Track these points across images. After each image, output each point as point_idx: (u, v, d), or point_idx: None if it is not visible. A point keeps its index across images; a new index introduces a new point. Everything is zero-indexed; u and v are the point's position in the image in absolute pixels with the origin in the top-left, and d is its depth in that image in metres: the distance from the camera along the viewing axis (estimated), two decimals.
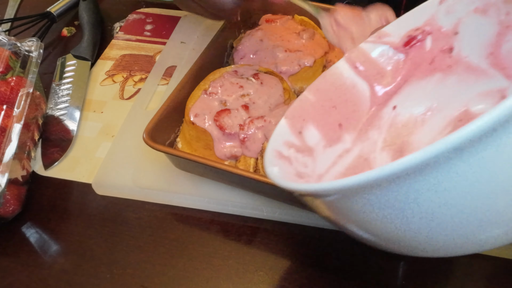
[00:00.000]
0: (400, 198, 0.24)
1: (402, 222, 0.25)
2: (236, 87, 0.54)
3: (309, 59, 0.61)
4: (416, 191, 0.24)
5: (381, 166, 0.23)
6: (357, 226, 0.30)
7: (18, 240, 0.49)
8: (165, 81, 0.67)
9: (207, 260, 0.47)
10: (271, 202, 0.50)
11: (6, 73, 0.54)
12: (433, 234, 0.26)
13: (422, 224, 0.25)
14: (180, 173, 0.53)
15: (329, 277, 0.46)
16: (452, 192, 0.23)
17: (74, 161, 0.57)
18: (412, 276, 0.46)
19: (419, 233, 0.26)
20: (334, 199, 0.27)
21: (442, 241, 0.26)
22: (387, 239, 0.29)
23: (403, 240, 0.28)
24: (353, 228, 0.30)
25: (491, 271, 0.46)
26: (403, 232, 0.26)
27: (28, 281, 0.46)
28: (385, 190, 0.24)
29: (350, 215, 0.28)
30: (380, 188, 0.24)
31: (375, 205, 0.25)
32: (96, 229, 0.50)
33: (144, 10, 0.83)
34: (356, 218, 0.28)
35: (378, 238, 0.30)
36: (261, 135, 0.50)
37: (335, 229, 0.49)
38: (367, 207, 0.26)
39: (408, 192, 0.24)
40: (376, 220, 0.26)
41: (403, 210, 0.25)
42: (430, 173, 0.22)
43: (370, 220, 0.27)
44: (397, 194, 0.24)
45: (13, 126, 0.50)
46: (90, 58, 0.70)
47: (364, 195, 0.25)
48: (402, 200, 0.24)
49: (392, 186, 0.24)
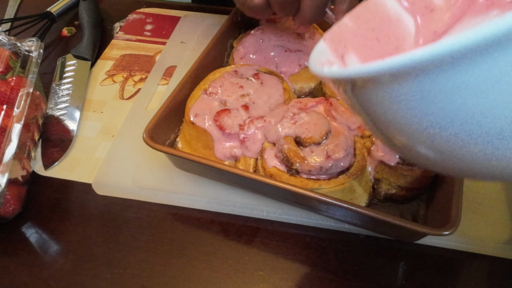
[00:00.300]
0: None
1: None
2: (236, 87, 0.54)
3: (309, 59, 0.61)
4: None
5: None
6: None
7: (18, 240, 0.49)
8: (165, 81, 0.67)
9: (207, 260, 0.47)
10: (271, 202, 0.50)
11: (6, 73, 0.54)
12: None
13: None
14: (180, 173, 0.53)
15: (329, 277, 0.46)
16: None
17: (74, 161, 0.57)
18: (412, 276, 0.46)
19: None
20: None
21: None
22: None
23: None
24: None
25: (491, 271, 0.46)
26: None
27: (28, 280, 0.46)
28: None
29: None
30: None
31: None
32: (96, 229, 0.50)
33: (144, 10, 0.83)
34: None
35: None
36: (261, 135, 0.50)
37: (335, 229, 0.49)
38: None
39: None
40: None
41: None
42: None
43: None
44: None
45: (13, 126, 0.50)
46: (90, 58, 0.70)
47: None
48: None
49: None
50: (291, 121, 0.48)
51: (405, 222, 0.41)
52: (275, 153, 0.48)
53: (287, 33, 0.65)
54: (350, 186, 0.46)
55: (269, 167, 0.47)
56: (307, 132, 0.47)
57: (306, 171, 0.46)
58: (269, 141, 0.49)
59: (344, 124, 0.49)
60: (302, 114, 0.49)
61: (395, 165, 0.48)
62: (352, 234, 0.49)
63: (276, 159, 0.47)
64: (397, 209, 0.50)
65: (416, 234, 0.43)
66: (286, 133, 0.47)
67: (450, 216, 0.41)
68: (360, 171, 0.47)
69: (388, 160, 0.48)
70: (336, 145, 0.46)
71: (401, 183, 0.49)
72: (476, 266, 0.47)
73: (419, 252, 0.47)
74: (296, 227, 0.50)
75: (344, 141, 0.47)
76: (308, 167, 0.45)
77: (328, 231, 0.49)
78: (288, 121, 0.48)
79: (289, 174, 0.46)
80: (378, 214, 0.41)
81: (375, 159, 0.48)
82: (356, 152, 0.48)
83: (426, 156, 0.25)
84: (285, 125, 0.48)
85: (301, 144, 0.47)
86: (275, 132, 0.48)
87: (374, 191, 0.50)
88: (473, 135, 0.21)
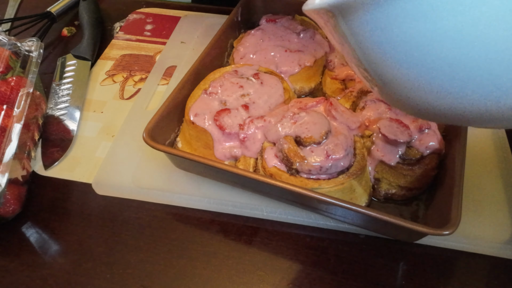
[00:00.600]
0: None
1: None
2: (236, 87, 0.54)
3: (309, 59, 0.61)
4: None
5: None
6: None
7: (18, 240, 0.49)
8: (165, 81, 0.67)
9: (207, 260, 0.47)
10: (271, 202, 0.50)
11: (6, 73, 0.54)
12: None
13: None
14: (180, 173, 0.53)
15: (329, 277, 0.46)
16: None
17: (74, 161, 0.57)
18: (412, 276, 0.46)
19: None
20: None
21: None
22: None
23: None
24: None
25: (491, 271, 0.46)
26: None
27: (28, 280, 0.46)
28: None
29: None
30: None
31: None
32: (96, 229, 0.50)
33: (144, 10, 0.84)
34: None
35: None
36: (261, 135, 0.50)
37: (335, 229, 0.49)
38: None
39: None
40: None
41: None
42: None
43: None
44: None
45: (13, 126, 0.50)
46: (90, 58, 0.70)
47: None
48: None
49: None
50: (291, 121, 0.48)
51: (405, 222, 0.41)
52: (275, 153, 0.48)
53: (288, 33, 0.65)
54: (350, 185, 0.46)
55: (269, 167, 0.47)
56: (307, 132, 0.47)
57: (306, 170, 0.46)
58: (269, 140, 0.49)
59: (344, 124, 0.49)
60: (302, 114, 0.49)
61: (395, 165, 0.48)
62: (352, 234, 0.49)
63: (276, 159, 0.47)
64: (397, 209, 0.50)
65: (416, 234, 0.43)
66: (286, 133, 0.47)
67: (450, 216, 0.41)
68: (360, 170, 0.47)
69: (388, 160, 0.48)
70: (336, 144, 0.46)
71: (401, 182, 0.49)
72: (476, 266, 0.47)
73: (419, 252, 0.47)
74: (296, 227, 0.50)
75: (344, 140, 0.47)
76: (308, 166, 0.45)
77: (328, 231, 0.49)
78: (288, 120, 0.48)
79: (289, 173, 0.46)
80: (378, 214, 0.41)
81: (375, 159, 0.48)
82: (356, 151, 0.48)
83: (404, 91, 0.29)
84: (285, 125, 0.48)
85: (301, 144, 0.47)
86: (275, 132, 0.48)
87: (374, 191, 0.50)
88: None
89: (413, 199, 0.51)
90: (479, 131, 0.59)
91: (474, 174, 0.53)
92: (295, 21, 0.68)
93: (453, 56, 0.24)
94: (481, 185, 0.53)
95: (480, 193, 0.52)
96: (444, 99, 0.27)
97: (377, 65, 0.29)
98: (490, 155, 0.56)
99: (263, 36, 0.65)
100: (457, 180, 0.44)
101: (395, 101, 0.32)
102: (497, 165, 0.55)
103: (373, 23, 0.26)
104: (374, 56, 0.28)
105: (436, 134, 0.49)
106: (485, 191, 0.52)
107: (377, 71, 0.29)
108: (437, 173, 0.49)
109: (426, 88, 0.27)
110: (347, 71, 0.59)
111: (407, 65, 0.27)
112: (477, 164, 0.55)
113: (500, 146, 0.57)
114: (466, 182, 0.45)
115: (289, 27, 0.67)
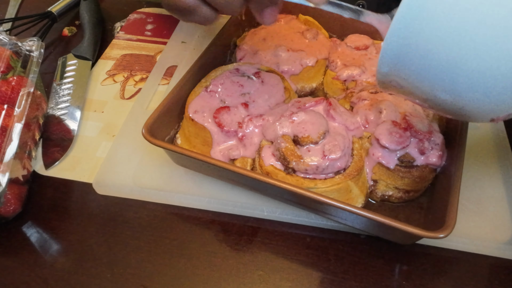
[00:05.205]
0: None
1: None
2: (237, 85, 0.54)
3: (311, 59, 0.61)
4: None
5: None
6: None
7: (18, 239, 0.49)
8: (166, 80, 0.67)
9: (207, 260, 0.47)
10: (271, 202, 0.50)
11: (7, 72, 0.54)
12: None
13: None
14: (181, 173, 0.53)
15: (329, 277, 0.46)
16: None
17: (75, 160, 0.57)
18: (412, 276, 0.46)
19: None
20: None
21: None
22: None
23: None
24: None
25: (491, 271, 0.46)
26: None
27: (29, 280, 0.46)
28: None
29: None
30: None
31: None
32: (96, 229, 0.50)
33: (145, 10, 0.84)
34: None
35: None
36: (259, 134, 0.50)
37: (335, 229, 0.49)
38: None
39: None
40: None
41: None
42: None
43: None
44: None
45: (14, 125, 0.50)
46: (91, 57, 0.70)
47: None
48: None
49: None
50: (289, 120, 0.48)
51: (399, 224, 0.40)
52: (272, 152, 0.48)
53: (291, 32, 0.65)
54: (347, 186, 0.46)
55: (266, 165, 0.47)
56: (305, 132, 0.47)
57: (302, 170, 0.46)
58: (267, 139, 0.49)
59: (343, 124, 0.49)
60: (301, 114, 0.49)
61: (393, 167, 0.48)
62: (352, 234, 0.49)
63: (273, 158, 0.47)
64: (393, 211, 0.50)
65: (411, 236, 0.42)
66: (284, 132, 0.47)
67: (445, 219, 0.40)
68: (357, 171, 0.46)
69: (386, 163, 0.48)
70: (333, 145, 0.46)
71: (399, 185, 0.48)
72: (476, 266, 0.47)
73: (419, 252, 0.47)
74: (296, 227, 0.50)
75: (341, 141, 0.47)
76: (304, 166, 0.45)
77: (328, 231, 0.49)
78: (286, 120, 0.48)
79: (286, 172, 0.46)
80: (371, 214, 0.41)
81: (373, 160, 0.48)
82: (353, 152, 0.48)
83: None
84: (283, 124, 0.48)
85: (299, 143, 0.47)
86: (273, 131, 0.48)
87: (371, 192, 0.50)
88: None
89: (410, 201, 0.50)
90: (479, 131, 0.59)
91: (474, 174, 0.53)
92: (299, 20, 0.68)
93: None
94: (481, 185, 0.53)
95: (480, 193, 0.52)
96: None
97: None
98: (490, 155, 0.56)
99: (267, 35, 0.65)
100: (454, 182, 0.43)
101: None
102: (497, 165, 0.55)
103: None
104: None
105: (437, 152, 0.48)
106: (485, 191, 0.52)
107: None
108: (435, 176, 0.49)
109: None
110: (348, 71, 0.59)
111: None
112: (478, 164, 0.55)
113: (501, 146, 0.57)
114: (466, 182, 0.45)
115: (292, 27, 0.67)
